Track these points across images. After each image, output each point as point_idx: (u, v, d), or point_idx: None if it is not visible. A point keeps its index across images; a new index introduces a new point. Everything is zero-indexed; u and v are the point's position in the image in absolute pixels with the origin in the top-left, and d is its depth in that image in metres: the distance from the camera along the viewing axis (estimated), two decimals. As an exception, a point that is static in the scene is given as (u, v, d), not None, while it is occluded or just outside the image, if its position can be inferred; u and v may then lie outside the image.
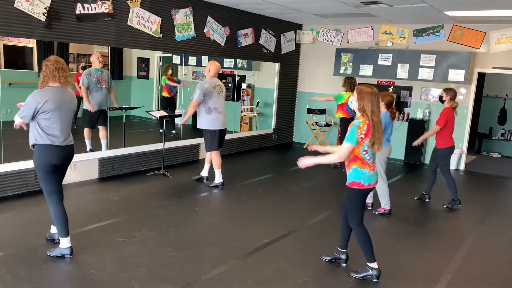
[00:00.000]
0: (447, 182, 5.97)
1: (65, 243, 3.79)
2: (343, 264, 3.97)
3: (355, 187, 3.64)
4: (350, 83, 7.55)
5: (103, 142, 6.61)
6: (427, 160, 6.20)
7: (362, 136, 3.49)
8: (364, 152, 3.57)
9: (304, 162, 3.64)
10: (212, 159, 6.24)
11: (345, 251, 3.98)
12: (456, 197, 5.95)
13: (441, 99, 5.94)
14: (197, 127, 6.20)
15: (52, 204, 3.78)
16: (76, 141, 4.00)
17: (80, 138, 6.58)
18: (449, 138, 5.85)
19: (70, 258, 3.76)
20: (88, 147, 6.56)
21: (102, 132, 6.61)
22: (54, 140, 3.67)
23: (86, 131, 6.62)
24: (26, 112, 3.61)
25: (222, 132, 6.22)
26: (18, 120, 3.70)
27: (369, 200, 5.57)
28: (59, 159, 3.72)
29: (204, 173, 6.46)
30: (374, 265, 3.70)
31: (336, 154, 3.61)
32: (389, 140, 5.44)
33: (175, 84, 8.46)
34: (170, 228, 4.62)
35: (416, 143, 6.18)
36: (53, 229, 3.99)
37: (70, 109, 3.79)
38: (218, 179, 6.24)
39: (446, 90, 5.88)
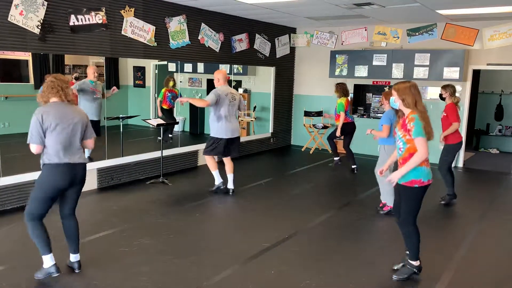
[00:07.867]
0: (445, 179, 5.95)
1: (48, 261, 3.57)
2: (415, 276, 3.81)
3: (415, 185, 3.56)
4: (342, 89, 7.76)
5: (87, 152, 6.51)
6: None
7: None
8: None
9: (394, 178, 3.58)
10: (206, 161, 6.22)
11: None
12: (453, 191, 5.94)
13: (441, 97, 5.95)
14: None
15: (32, 222, 3.52)
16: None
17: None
18: (458, 133, 5.83)
19: (71, 271, 3.76)
20: (87, 155, 6.52)
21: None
22: (61, 158, 3.51)
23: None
24: (33, 131, 3.44)
25: (232, 140, 6.10)
26: (33, 149, 3.49)
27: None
28: (66, 180, 3.54)
29: (218, 181, 6.31)
30: (417, 262, 3.74)
31: (418, 153, 3.47)
32: None
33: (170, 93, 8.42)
34: (170, 235, 4.62)
35: (441, 139, 5.84)
36: (73, 258, 3.75)
37: (74, 124, 3.59)
38: (218, 180, 6.24)
39: (444, 87, 5.88)
